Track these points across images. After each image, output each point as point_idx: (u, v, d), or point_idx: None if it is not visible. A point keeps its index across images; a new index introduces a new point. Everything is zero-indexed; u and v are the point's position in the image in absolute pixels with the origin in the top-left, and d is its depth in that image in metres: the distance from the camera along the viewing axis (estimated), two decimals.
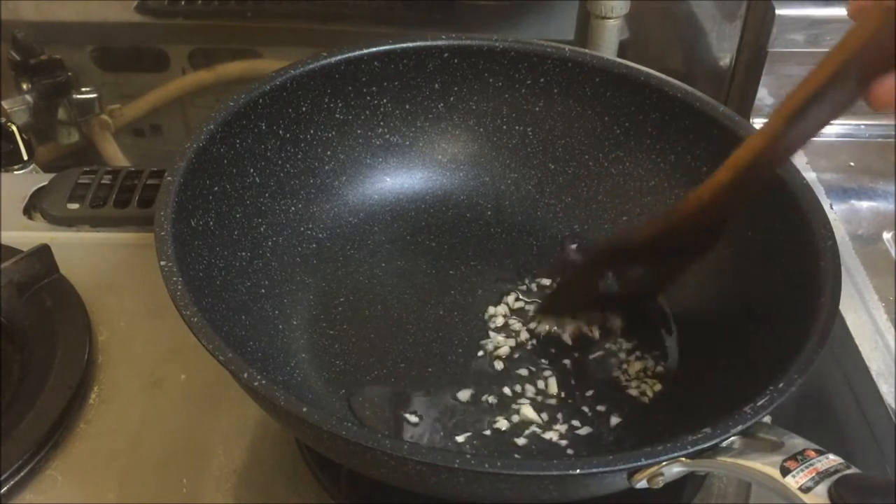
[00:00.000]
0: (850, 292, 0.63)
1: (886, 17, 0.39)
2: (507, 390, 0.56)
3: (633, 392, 0.56)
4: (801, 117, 0.44)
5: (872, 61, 0.41)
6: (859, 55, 0.41)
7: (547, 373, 0.57)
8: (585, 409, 0.55)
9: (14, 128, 0.85)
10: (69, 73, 0.93)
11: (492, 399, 0.55)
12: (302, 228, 0.62)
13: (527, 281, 0.63)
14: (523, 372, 0.57)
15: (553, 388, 0.56)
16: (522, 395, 0.56)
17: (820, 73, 0.43)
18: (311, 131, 0.63)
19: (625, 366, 0.58)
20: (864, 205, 0.76)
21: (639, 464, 0.41)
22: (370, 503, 0.53)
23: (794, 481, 0.39)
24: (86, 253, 0.68)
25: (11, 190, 0.74)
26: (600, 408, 0.55)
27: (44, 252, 0.63)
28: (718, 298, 0.58)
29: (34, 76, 0.91)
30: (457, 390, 0.55)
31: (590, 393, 0.56)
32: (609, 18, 0.84)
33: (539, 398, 0.56)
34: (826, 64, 0.42)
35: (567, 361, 0.58)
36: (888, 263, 0.70)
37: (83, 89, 0.95)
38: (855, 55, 0.41)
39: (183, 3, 0.93)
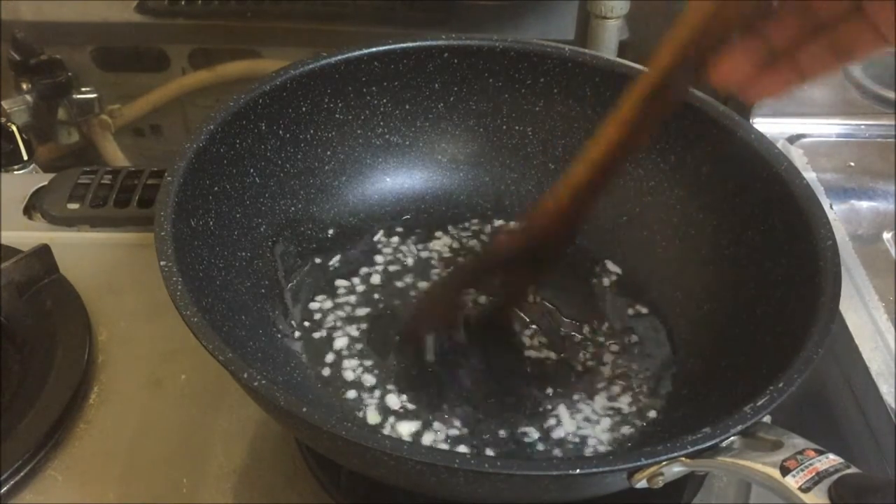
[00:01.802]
0: (850, 292, 0.63)
1: None
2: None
3: (633, 392, 0.56)
4: (645, 109, 0.44)
5: (710, 38, 0.40)
6: (699, 35, 0.40)
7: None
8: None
9: (14, 128, 0.85)
10: (69, 73, 0.93)
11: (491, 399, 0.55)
12: (302, 228, 0.62)
13: None
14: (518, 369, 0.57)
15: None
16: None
17: (660, 61, 0.42)
18: (311, 131, 0.63)
19: (624, 365, 0.58)
20: (864, 205, 0.76)
21: (639, 464, 0.41)
22: (370, 503, 0.53)
23: (793, 481, 0.39)
24: (86, 253, 0.68)
25: (11, 190, 0.74)
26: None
27: (44, 252, 0.63)
28: (718, 298, 0.58)
29: (34, 76, 0.91)
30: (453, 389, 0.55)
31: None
32: (609, 18, 0.84)
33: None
34: (666, 50, 0.42)
35: (561, 363, 0.58)
36: (888, 263, 0.70)
37: (83, 89, 0.95)
38: (695, 35, 0.40)
39: (183, 3, 0.93)
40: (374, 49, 0.62)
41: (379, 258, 0.64)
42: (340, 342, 0.58)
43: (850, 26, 0.39)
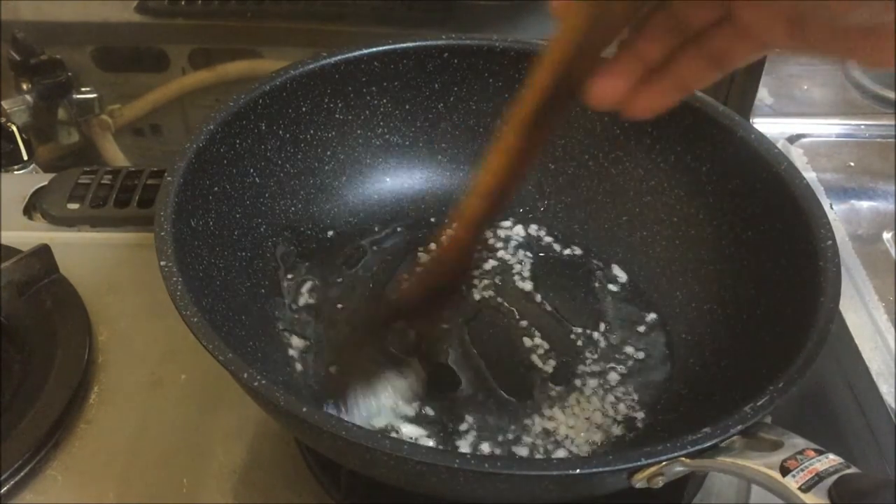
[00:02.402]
0: (850, 292, 0.63)
1: (591, 13, 0.37)
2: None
3: (633, 392, 0.56)
4: (526, 137, 0.42)
5: (584, 61, 0.39)
6: (572, 57, 0.39)
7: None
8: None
9: (14, 128, 0.85)
10: (69, 73, 0.93)
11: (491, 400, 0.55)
12: (302, 228, 0.62)
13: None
14: (517, 370, 0.57)
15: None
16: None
17: (539, 83, 0.40)
18: (311, 131, 0.63)
19: (623, 366, 0.58)
20: (864, 205, 0.76)
21: (639, 464, 0.41)
22: (370, 503, 0.53)
23: (793, 481, 0.39)
24: (86, 253, 0.68)
25: (11, 190, 0.74)
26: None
27: (44, 252, 0.63)
28: (718, 299, 0.58)
29: (34, 76, 0.91)
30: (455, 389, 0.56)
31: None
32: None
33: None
34: (536, 82, 0.40)
35: (560, 363, 0.58)
36: (888, 263, 0.70)
37: (83, 89, 0.95)
38: (567, 58, 0.39)
39: (183, 3, 0.93)
40: (374, 49, 0.62)
41: (379, 258, 0.64)
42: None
43: (724, 32, 0.38)
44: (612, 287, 0.63)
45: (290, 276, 0.61)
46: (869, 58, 0.33)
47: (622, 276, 0.63)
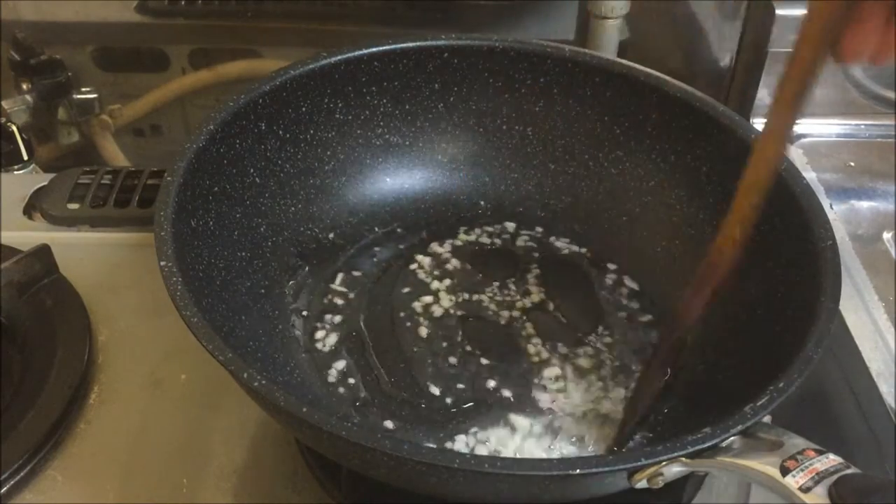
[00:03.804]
0: (850, 292, 0.63)
1: None
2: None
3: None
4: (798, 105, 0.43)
5: (840, 19, 0.40)
6: (832, 18, 0.40)
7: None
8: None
9: (14, 128, 0.85)
10: (69, 73, 0.93)
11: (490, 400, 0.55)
12: (302, 228, 0.62)
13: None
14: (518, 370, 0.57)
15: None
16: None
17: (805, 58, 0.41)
18: (311, 131, 0.63)
19: (623, 365, 0.58)
20: (864, 205, 0.76)
21: (639, 464, 0.41)
22: (370, 503, 0.53)
23: (793, 481, 0.39)
24: (86, 253, 0.68)
25: (11, 190, 0.74)
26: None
27: (44, 252, 0.63)
28: (718, 299, 0.58)
29: (34, 76, 0.91)
30: (454, 391, 0.56)
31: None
32: (609, 18, 0.84)
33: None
34: (804, 45, 0.41)
35: (560, 363, 0.58)
36: (888, 263, 0.70)
37: (83, 89, 0.95)
38: (828, 21, 0.40)
39: (183, 3, 0.93)
40: (374, 49, 0.62)
41: (379, 258, 0.64)
42: (341, 342, 0.58)
43: None
44: (611, 286, 0.63)
45: (290, 276, 0.61)
46: None
47: (622, 276, 0.63)
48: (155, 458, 0.55)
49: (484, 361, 0.57)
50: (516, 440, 0.53)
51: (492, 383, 0.56)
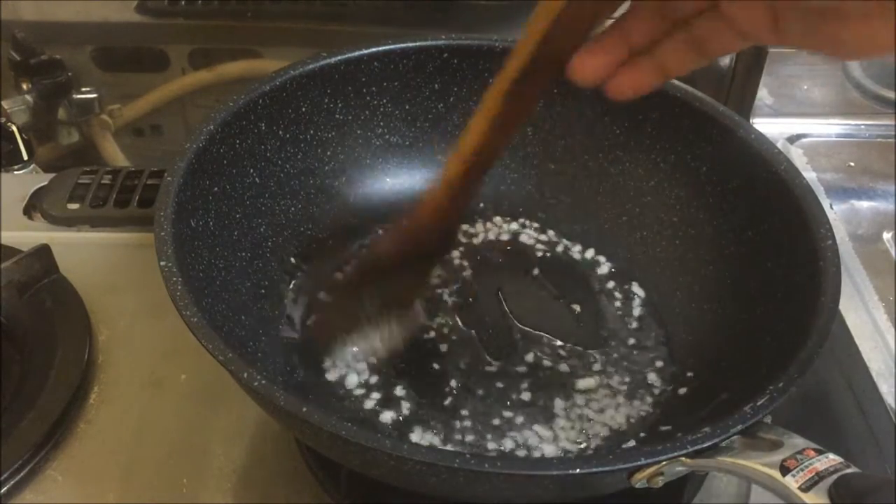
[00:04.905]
0: (850, 292, 0.63)
1: None
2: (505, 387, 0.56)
3: (633, 392, 0.56)
4: (508, 104, 0.43)
5: (569, 36, 0.40)
6: (554, 33, 0.40)
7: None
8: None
9: (14, 128, 0.85)
10: (69, 73, 0.93)
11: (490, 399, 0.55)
12: (302, 228, 0.62)
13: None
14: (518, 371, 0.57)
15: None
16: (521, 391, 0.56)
17: (521, 54, 0.41)
18: (311, 131, 0.63)
19: (623, 365, 0.58)
20: (864, 205, 0.76)
21: (639, 463, 0.41)
22: (370, 503, 0.53)
23: (793, 481, 0.39)
24: (86, 253, 0.68)
25: (11, 190, 0.74)
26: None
27: (44, 252, 0.63)
28: (718, 298, 0.58)
29: (34, 76, 0.91)
30: (454, 389, 0.56)
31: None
32: (609, 18, 0.84)
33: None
34: (522, 46, 0.41)
35: (559, 364, 0.58)
36: (888, 263, 0.70)
37: (83, 89, 0.95)
38: (549, 33, 0.40)
39: (183, 3, 0.93)
40: (374, 49, 0.62)
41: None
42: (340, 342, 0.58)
43: (709, 22, 0.39)
44: (611, 287, 0.63)
45: (290, 277, 0.61)
46: (842, 50, 0.34)
47: (622, 276, 0.63)
48: (155, 458, 0.55)
49: (489, 366, 0.57)
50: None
51: (491, 377, 0.56)
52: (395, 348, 0.55)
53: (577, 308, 0.62)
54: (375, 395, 0.55)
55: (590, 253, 0.65)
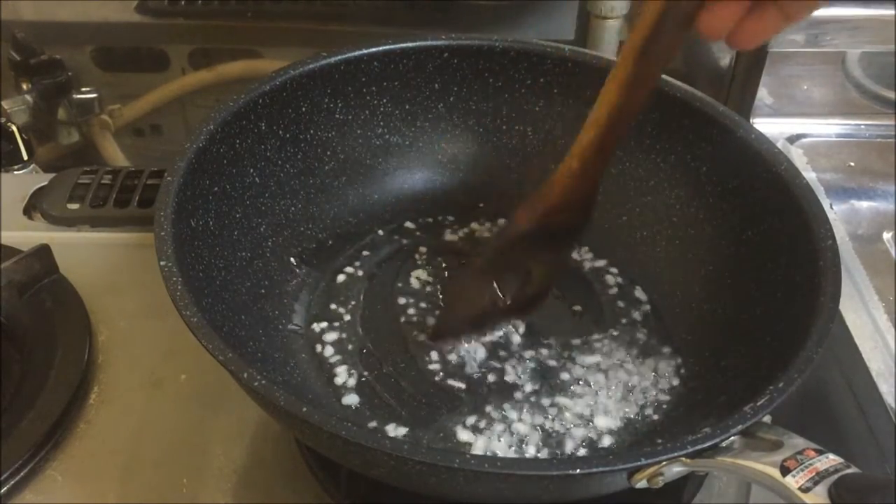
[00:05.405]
0: (850, 292, 0.63)
1: None
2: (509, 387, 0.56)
3: (633, 392, 0.56)
4: (638, 66, 0.45)
5: None
6: None
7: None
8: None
9: (14, 128, 0.85)
10: (69, 73, 0.93)
11: (491, 400, 0.55)
12: (302, 228, 0.62)
13: None
14: (514, 373, 0.57)
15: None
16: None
17: (650, 12, 0.43)
18: (311, 131, 0.63)
19: (623, 366, 0.58)
20: (864, 205, 0.76)
21: (639, 464, 0.41)
22: (370, 503, 0.53)
23: (793, 481, 0.39)
24: (86, 253, 0.68)
25: (11, 190, 0.74)
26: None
27: (44, 252, 0.63)
28: (718, 298, 0.58)
29: (34, 76, 0.91)
30: (453, 390, 0.55)
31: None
32: (609, 18, 0.84)
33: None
34: (650, 9, 0.43)
35: (559, 364, 0.58)
36: (888, 263, 0.70)
37: (83, 89, 0.95)
38: None
39: (183, 3, 0.93)
40: (374, 49, 0.62)
41: (379, 258, 0.64)
42: (340, 342, 0.58)
43: None
44: (611, 286, 0.63)
45: (289, 276, 0.61)
46: None
47: (621, 277, 0.63)
48: (155, 458, 0.55)
49: (482, 356, 0.57)
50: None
51: (491, 378, 0.56)
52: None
53: (578, 308, 0.62)
54: (377, 395, 0.55)
55: (590, 253, 0.65)
